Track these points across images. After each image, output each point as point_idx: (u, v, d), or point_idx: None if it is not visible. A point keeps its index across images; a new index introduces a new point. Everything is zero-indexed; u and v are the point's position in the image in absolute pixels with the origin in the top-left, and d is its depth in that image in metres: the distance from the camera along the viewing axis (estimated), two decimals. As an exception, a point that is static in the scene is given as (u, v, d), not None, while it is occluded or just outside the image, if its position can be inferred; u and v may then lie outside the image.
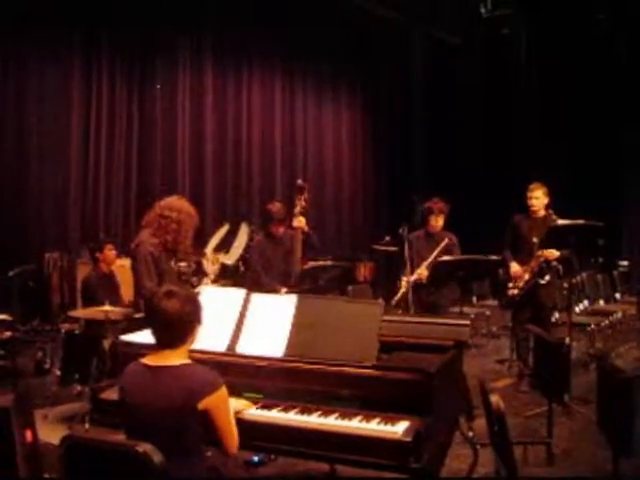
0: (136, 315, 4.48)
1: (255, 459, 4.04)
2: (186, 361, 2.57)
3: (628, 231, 11.30)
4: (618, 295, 8.37)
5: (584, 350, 6.93)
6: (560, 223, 5.55)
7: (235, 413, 2.71)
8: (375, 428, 2.70)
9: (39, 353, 6.20)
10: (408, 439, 2.59)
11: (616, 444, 3.45)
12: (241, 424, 2.70)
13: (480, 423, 3.57)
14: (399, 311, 5.46)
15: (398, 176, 12.42)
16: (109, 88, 8.97)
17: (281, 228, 5.40)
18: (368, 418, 2.76)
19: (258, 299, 3.30)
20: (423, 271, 5.63)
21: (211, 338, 3.11)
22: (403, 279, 5.61)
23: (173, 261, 4.70)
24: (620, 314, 7.59)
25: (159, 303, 2.52)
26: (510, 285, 5.99)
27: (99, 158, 8.86)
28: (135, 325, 3.63)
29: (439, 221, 5.81)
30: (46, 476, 3.16)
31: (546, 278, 5.87)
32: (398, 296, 5.59)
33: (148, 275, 4.17)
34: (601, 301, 7.88)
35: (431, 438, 2.70)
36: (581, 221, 5.28)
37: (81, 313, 5.36)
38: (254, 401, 2.96)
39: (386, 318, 3.19)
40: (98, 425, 3.25)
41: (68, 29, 8.53)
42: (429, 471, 2.71)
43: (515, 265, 5.98)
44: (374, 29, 10.91)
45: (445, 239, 5.73)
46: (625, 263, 10.09)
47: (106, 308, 4.87)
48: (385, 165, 12.69)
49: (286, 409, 2.89)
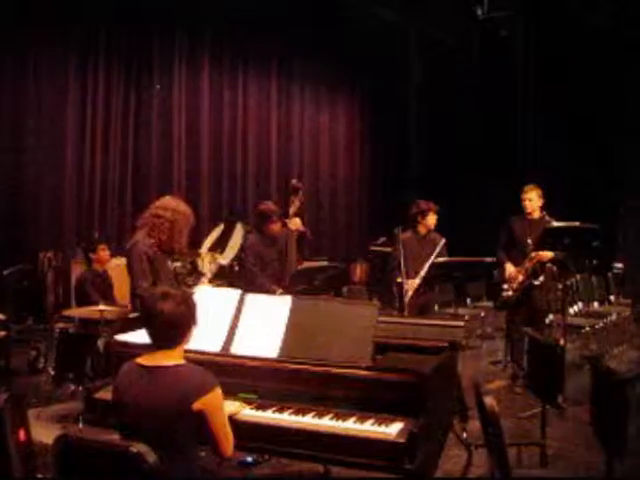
0: (131, 315, 4.47)
1: (249, 459, 4.04)
2: (181, 361, 2.56)
3: (622, 233, 11.31)
4: (612, 297, 8.39)
5: (578, 352, 6.95)
6: (555, 225, 5.56)
7: (229, 416, 2.70)
8: (369, 429, 2.70)
9: (33, 352, 6.18)
10: (402, 440, 2.60)
11: (609, 445, 3.46)
12: (235, 424, 2.69)
13: (474, 424, 3.58)
14: (394, 312, 5.45)
15: (394, 177, 12.44)
16: (105, 88, 8.95)
17: (275, 227, 5.39)
18: (362, 419, 2.76)
19: (253, 299, 3.30)
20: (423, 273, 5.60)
21: (206, 338, 3.11)
22: (407, 282, 5.46)
23: (170, 261, 4.69)
24: (614, 316, 7.61)
25: (155, 304, 2.52)
26: (504, 286, 5.99)
27: (95, 158, 8.85)
28: (130, 325, 3.62)
29: (434, 220, 5.83)
30: (40, 476, 3.16)
31: (540, 279, 5.88)
32: (406, 300, 5.41)
33: (143, 275, 4.15)
34: (595, 303, 7.91)
35: (425, 439, 2.70)
36: (576, 223, 5.28)
37: (75, 312, 5.36)
38: (248, 402, 2.96)
39: (381, 319, 3.19)
40: (92, 425, 3.24)
41: (65, 29, 8.51)
42: (423, 472, 2.71)
43: (510, 266, 5.99)
44: (371, 30, 10.91)
45: (442, 240, 5.74)
46: (620, 265, 10.10)
47: (101, 307, 4.87)
48: (381, 166, 12.70)
49: (280, 410, 2.89)
